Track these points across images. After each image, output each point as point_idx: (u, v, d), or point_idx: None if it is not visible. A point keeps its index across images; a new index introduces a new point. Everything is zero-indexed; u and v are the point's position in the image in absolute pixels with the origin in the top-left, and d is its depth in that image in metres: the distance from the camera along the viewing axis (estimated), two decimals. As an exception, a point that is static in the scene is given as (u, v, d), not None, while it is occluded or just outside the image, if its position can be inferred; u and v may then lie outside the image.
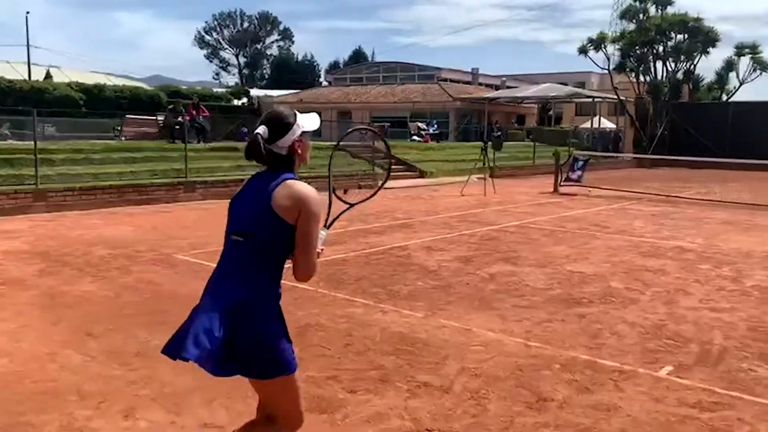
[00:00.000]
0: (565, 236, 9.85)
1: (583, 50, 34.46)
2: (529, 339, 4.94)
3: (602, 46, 34.29)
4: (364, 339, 4.86)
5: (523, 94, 37.50)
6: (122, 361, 4.31)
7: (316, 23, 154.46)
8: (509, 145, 28.83)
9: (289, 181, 2.34)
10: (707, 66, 71.59)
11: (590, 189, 16.86)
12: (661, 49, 34.05)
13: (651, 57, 34.32)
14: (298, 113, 2.45)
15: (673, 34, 33.58)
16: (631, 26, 34.68)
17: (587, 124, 38.34)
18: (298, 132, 2.40)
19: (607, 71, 35.33)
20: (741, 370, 4.36)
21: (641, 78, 34.99)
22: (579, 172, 17.33)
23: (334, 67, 74.82)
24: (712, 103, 35.39)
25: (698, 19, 32.97)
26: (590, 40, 34.31)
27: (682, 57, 34.02)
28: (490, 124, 33.61)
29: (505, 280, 6.86)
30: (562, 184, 17.16)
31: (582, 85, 47.31)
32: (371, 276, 6.93)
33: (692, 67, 34.69)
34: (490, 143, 19.28)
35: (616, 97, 34.55)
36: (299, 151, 2.42)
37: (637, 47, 33.93)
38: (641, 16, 34.29)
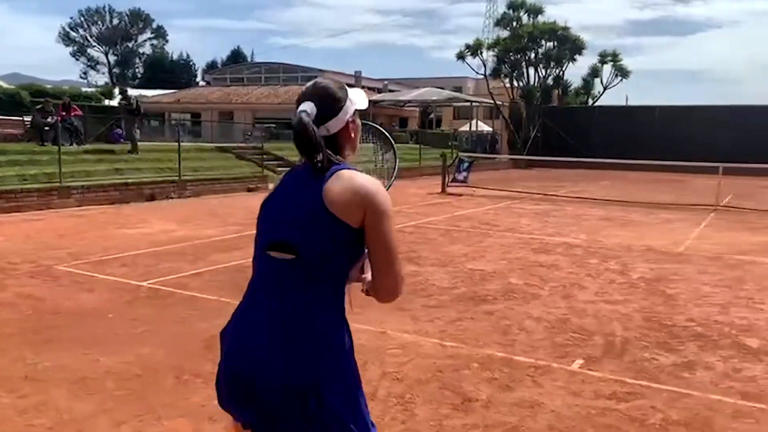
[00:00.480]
0: (460, 235, 10.06)
1: (461, 56, 35.68)
2: (443, 339, 4.94)
3: (479, 52, 35.67)
4: (277, 348, 4.65)
5: (406, 98, 38.20)
6: (9, 388, 3.84)
7: (191, 22, 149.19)
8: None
9: (344, 172, 1.76)
10: (575, 72, 76.90)
11: (475, 189, 17.42)
12: (533, 55, 35.91)
13: (524, 63, 36.11)
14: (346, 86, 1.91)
15: (543, 42, 35.52)
16: (505, 33, 36.37)
17: (466, 127, 39.77)
18: (352, 110, 1.87)
19: (482, 76, 36.76)
20: (644, 359, 4.59)
21: (515, 83, 36.69)
22: (465, 173, 17.88)
23: (212, 67, 72.66)
24: (580, 108, 37.82)
25: (566, 28, 35.13)
26: (467, 47, 35.58)
27: (552, 63, 36.09)
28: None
29: (411, 280, 6.86)
30: (449, 184, 17.60)
31: (459, 89, 48.87)
32: (275, 282, 6.69)
33: (561, 73, 36.95)
34: (379, 145, 19.40)
35: (492, 101, 36.04)
36: (352, 135, 1.88)
37: (510, 54, 35.57)
38: (515, 24, 36.00)
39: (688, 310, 5.91)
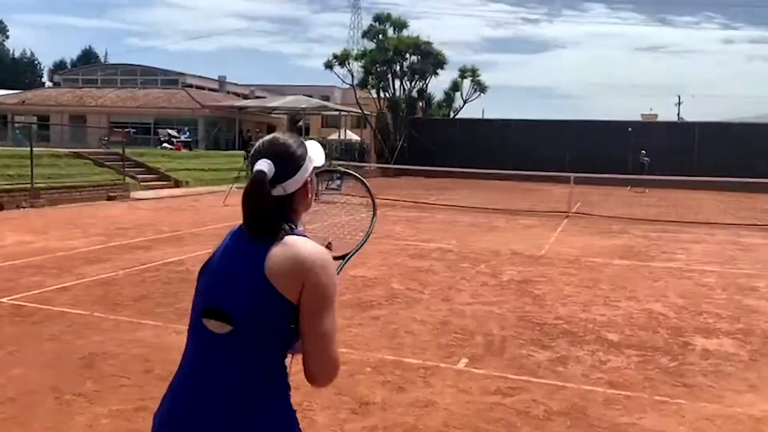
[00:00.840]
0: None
1: (329, 65, 36.03)
2: (334, 346, 4.99)
3: (346, 62, 36.19)
4: (165, 363, 4.47)
5: (274, 105, 37.83)
6: None
7: (36, 17, 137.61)
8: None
9: (290, 239, 1.60)
10: (437, 86, 79.94)
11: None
12: (398, 68, 36.89)
13: (390, 75, 37.01)
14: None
15: (408, 55, 36.63)
16: (372, 45, 37.13)
17: (334, 136, 40.04)
18: (311, 168, 1.73)
19: (350, 86, 37.28)
20: (522, 356, 4.92)
21: (382, 94, 37.51)
22: (338, 182, 18.07)
23: (60, 66, 68.04)
24: (443, 120, 39.34)
25: (428, 43, 36.43)
26: (335, 56, 35.98)
27: (416, 76, 37.27)
28: (242, 133, 33.34)
29: (295, 289, 6.85)
30: (323, 192, 17.69)
31: (327, 98, 49.18)
32: (153, 295, 6.42)
33: (425, 86, 38.22)
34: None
35: (359, 111, 36.62)
36: (309, 195, 1.74)
37: (377, 65, 36.35)
38: (380, 36, 36.85)
39: (555, 309, 6.39)
